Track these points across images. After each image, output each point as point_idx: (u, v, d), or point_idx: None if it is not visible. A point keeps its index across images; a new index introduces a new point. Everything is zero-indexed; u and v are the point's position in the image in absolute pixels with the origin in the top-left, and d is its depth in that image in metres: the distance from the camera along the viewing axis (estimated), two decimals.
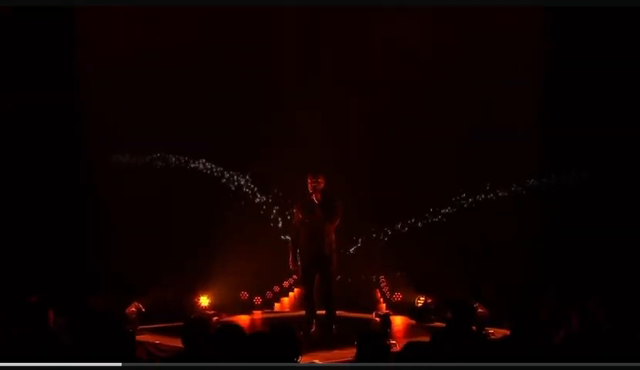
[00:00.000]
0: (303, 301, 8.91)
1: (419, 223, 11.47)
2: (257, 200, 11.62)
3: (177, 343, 6.70)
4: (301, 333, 7.47)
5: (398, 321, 9.71)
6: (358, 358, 4.92)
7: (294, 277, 11.62)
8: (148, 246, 10.44)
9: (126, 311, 9.07)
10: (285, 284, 11.78)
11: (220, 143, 11.33)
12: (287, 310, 11.54)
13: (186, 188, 11.11)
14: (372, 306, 10.89)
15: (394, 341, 7.33)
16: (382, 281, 11.55)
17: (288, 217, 10.40)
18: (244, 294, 11.17)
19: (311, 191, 8.59)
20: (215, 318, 7.98)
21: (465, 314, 6.07)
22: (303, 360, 5.48)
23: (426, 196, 11.19)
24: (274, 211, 11.67)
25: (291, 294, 11.84)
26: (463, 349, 5.35)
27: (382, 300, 11.30)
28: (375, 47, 11.24)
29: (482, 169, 10.80)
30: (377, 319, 8.27)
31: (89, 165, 10.70)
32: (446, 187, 11.04)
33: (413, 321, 9.88)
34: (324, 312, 8.74)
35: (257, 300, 11.27)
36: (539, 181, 10.82)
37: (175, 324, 8.36)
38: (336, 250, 8.80)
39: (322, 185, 8.54)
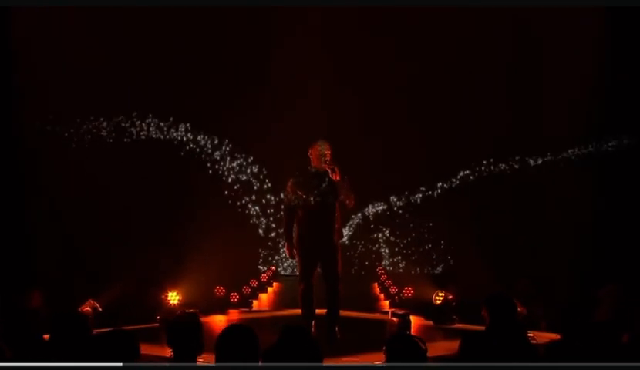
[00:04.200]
0: (300, 298, 7.39)
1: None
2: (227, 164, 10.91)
3: (147, 349, 5.84)
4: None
5: None
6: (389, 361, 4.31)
7: (272, 268, 11.04)
8: (104, 233, 9.70)
9: (79, 310, 7.88)
10: (263, 277, 10.81)
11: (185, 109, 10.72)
12: (266, 308, 10.36)
13: (145, 164, 10.20)
14: (371, 303, 9.90)
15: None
16: (381, 273, 10.29)
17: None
18: (220, 290, 9.69)
19: (324, 165, 7.10)
20: None
21: (507, 314, 5.23)
22: None
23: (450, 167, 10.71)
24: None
25: (269, 289, 10.92)
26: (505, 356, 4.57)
27: (382, 296, 10.22)
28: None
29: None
30: (394, 319, 7.30)
31: (27, 141, 9.71)
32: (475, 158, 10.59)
33: (430, 322, 8.74)
34: (324, 311, 7.40)
35: (234, 297, 9.88)
36: (589, 149, 10.07)
37: (141, 326, 7.75)
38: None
39: (330, 156, 7.11)
